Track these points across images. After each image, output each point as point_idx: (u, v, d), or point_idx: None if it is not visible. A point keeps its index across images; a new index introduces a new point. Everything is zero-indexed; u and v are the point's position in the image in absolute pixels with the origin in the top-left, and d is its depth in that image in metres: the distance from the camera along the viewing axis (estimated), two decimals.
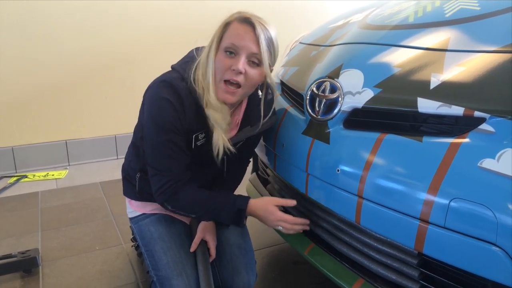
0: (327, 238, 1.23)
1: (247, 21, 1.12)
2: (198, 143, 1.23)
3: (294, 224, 1.24)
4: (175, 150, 1.19)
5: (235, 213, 1.24)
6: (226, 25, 1.14)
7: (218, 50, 1.15)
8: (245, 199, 1.26)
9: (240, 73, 1.13)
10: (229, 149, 1.22)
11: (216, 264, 1.39)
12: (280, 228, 1.25)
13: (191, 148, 1.23)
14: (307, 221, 1.26)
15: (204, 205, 1.25)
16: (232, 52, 1.13)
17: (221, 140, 1.20)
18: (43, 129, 2.72)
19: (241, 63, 1.12)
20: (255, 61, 1.14)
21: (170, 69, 1.25)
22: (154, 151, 1.21)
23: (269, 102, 1.31)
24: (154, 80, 1.22)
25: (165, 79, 1.19)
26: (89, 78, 2.76)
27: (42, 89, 2.66)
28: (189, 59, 1.23)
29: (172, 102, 1.15)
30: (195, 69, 1.19)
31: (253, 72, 1.15)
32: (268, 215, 1.24)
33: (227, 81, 1.15)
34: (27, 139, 2.69)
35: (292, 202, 1.26)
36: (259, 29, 1.12)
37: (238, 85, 1.15)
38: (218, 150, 1.21)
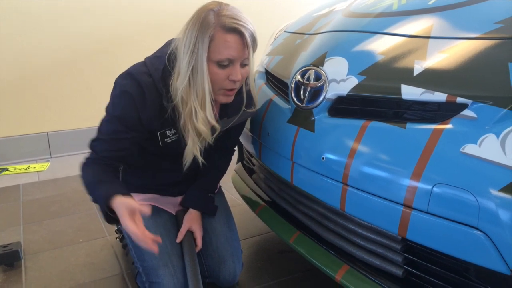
0: (312, 226, 1.24)
1: (234, 31, 1.09)
2: (168, 140, 1.22)
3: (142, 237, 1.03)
4: (123, 142, 1.18)
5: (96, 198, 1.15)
6: (210, 37, 1.08)
7: (208, 63, 1.11)
8: (106, 194, 1.09)
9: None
10: (199, 159, 1.22)
11: (202, 253, 1.38)
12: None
13: (158, 145, 1.22)
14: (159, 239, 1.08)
15: (89, 181, 1.17)
16: (226, 63, 1.12)
17: (191, 153, 1.20)
18: (23, 120, 2.66)
19: (239, 73, 1.13)
20: (245, 62, 1.15)
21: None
22: (103, 133, 1.19)
23: (247, 93, 1.30)
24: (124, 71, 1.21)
25: (131, 71, 1.17)
26: (70, 68, 2.71)
27: (22, 80, 2.60)
28: (160, 54, 1.20)
29: (131, 93, 1.14)
30: (171, 78, 1.14)
31: (245, 72, 1.16)
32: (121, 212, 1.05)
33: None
34: (7, 131, 2.63)
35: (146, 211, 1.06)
36: (246, 35, 1.10)
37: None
38: (187, 160, 1.22)
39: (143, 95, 1.15)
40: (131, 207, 1.03)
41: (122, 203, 1.05)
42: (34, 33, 2.55)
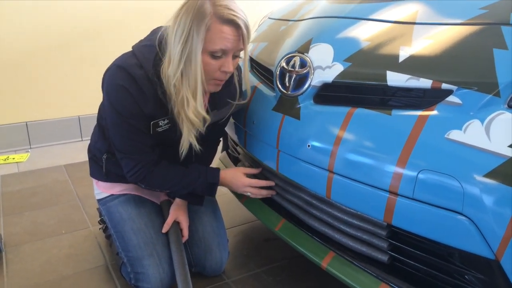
0: (298, 214, 1.24)
1: (231, 22, 1.06)
2: (160, 129, 1.20)
3: (260, 187, 1.32)
4: (139, 134, 1.18)
5: (208, 187, 1.30)
6: (207, 27, 1.05)
7: (202, 53, 1.08)
8: (216, 173, 1.31)
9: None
10: (196, 146, 1.20)
11: (188, 243, 1.38)
12: (248, 194, 1.33)
13: (150, 133, 1.20)
14: (272, 183, 1.32)
15: (177, 182, 1.26)
16: (219, 54, 1.09)
17: (187, 141, 1.18)
18: (1, 111, 2.58)
19: (231, 65, 1.12)
20: (237, 53, 1.14)
21: (131, 49, 1.20)
22: (118, 136, 1.19)
23: (238, 84, 1.28)
24: (112, 63, 1.17)
25: (121, 64, 1.13)
26: (48, 55, 2.63)
27: None
28: (149, 42, 1.17)
29: (129, 90, 1.11)
30: (162, 65, 1.11)
31: (235, 62, 1.16)
32: (236, 181, 1.32)
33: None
34: None
35: (257, 170, 1.35)
36: (243, 27, 1.08)
37: None
38: (183, 149, 1.20)
39: (141, 90, 1.12)
40: (238, 170, 1.34)
41: (232, 176, 1.32)
42: (10, 21, 2.46)
